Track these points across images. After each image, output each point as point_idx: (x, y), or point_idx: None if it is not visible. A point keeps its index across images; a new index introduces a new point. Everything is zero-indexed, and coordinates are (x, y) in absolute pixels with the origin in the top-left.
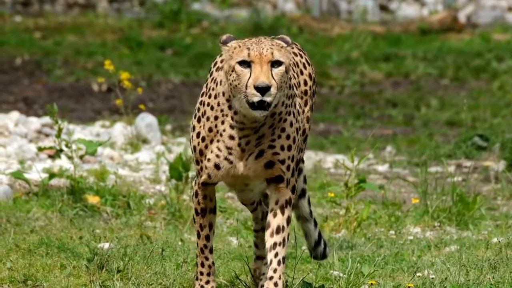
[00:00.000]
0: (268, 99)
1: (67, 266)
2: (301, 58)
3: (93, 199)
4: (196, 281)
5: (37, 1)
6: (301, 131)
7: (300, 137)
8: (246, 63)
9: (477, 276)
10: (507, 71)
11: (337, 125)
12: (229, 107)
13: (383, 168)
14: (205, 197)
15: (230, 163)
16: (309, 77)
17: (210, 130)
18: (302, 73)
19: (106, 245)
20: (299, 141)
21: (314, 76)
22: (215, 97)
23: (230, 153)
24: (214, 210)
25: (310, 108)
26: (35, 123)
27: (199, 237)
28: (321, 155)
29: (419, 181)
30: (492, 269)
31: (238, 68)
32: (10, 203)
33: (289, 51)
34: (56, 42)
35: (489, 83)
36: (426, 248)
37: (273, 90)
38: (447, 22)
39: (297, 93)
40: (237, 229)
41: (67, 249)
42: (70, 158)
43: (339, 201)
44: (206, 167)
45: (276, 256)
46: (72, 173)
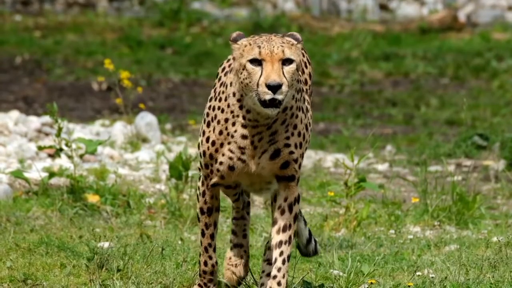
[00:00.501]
0: (279, 97)
1: (67, 265)
2: (303, 57)
3: (93, 198)
4: (198, 278)
5: (37, 0)
6: (311, 127)
7: (308, 134)
8: (257, 61)
9: (477, 275)
10: (507, 70)
11: (337, 124)
12: (240, 107)
13: (383, 167)
14: (212, 196)
15: (243, 162)
16: (309, 76)
17: (220, 133)
18: (303, 72)
19: (106, 244)
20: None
21: (312, 75)
22: (225, 100)
23: (243, 153)
24: (218, 208)
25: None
26: (35, 122)
27: (203, 236)
28: (321, 154)
29: (419, 180)
30: (492, 268)
31: (249, 66)
32: (10, 202)
33: (300, 48)
34: (56, 41)
35: (489, 82)
36: (426, 247)
37: (284, 88)
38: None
39: (304, 89)
40: None
41: (67, 248)
42: (70, 157)
43: (339, 200)
44: (218, 170)
45: (281, 254)
46: (72, 172)
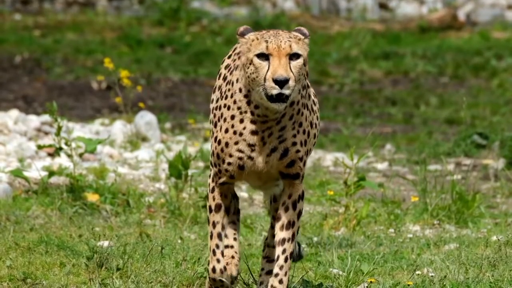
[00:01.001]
0: (286, 91)
1: (66, 264)
2: None
3: (92, 197)
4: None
5: None
6: (314, 124)
7: (314, 131)
8: (264, 56)
9: (477, 274)
10: (506, 69)
11: (336, 123)
12: (248, 102)
13: (382, 166)
14: (221, 194)
15: (252, 160)
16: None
17: (226, 131)
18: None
19: (105, 243)
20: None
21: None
22: (231, 96)
23: (252, 150)
24: (228, 209)
25: None
26: (34, 121)
27: (211, 237)
28: (320, 153)
29: (418, 179)
30: (491, 267)
31: (256, 61)
32: (9, 201)
33: (307, 43)
34: (55, 40)
35: (489, 81)
36: (425, 246)
37: (291, 83)
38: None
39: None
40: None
41: (66, 247)
42: (69, 156)
43: (339, 199)
44: (226, 170)
45: (283, 252)
46: (71, 171)
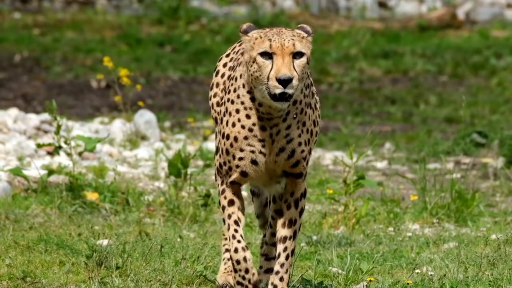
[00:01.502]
0: (290, 91)
1: (66, 262)
2: None
3: (92, 196)
4: (232, 276)
5: None
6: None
7: (316, 129)
8: (267, 55)
9: (476, 272)
10: (505, 68)
11: (335, 121)
12: (251, 99)
13: (381, 164)
14: (233, 193)
15: (264, 155)
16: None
17: (233, 125)
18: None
19: (105, 242)
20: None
21: None
22: (234, 91)
23: (263, 146)
24: (243, 207)
25: None
26: (34, 119)
27: (228, 227)
28: (320, 152)
29: (417, 177)
30: (490, 265)
31: (259, 59)
32: (9, 200)
33: (310, 41)
34: (55, 38)
35: (488, 80)
36: (424, 244)
37: (294, 82)
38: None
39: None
40: None
41: (66, 246)
42: (69, 154)
43: (338, 198)
44: (238, 166)
45: (285, 250)
46: (71, 170)
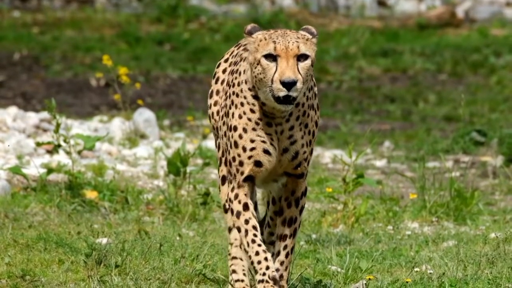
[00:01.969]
0: (294, 94)
1: (65, 261)
2: None
3: (91, 194)
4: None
5: None
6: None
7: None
8: (272, 57)
9: (475, 271)
10: (505, 66)
11: (335, 120)
12: (254, 97)
13: (381, 163)
14: (246, 194)
15: (274, 148)
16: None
17: (240, 116)
18: None
19: (104, 240)
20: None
21: None
22: (238, 85)
23: (272, 139)
24: (256, 209)
25: None
26: (33, 118)
27: (246, 233)
28: (319, 150)
29: (417, 176)
30: (489, 264)
31: (263, 61)
32: (8, 198)
33: (314, 43)
34: (54, 37)
35: (487, 78)
36: (424, 243)
37: (299, 84)
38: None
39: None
40: None
41: (65, 244)
42: (68, 153)
43: (337, 196)
44: (249, 157)
45: (285, 248)
46: (70, 168)
